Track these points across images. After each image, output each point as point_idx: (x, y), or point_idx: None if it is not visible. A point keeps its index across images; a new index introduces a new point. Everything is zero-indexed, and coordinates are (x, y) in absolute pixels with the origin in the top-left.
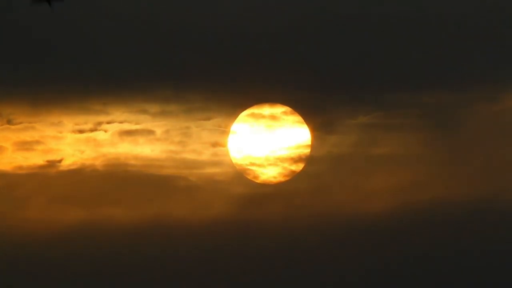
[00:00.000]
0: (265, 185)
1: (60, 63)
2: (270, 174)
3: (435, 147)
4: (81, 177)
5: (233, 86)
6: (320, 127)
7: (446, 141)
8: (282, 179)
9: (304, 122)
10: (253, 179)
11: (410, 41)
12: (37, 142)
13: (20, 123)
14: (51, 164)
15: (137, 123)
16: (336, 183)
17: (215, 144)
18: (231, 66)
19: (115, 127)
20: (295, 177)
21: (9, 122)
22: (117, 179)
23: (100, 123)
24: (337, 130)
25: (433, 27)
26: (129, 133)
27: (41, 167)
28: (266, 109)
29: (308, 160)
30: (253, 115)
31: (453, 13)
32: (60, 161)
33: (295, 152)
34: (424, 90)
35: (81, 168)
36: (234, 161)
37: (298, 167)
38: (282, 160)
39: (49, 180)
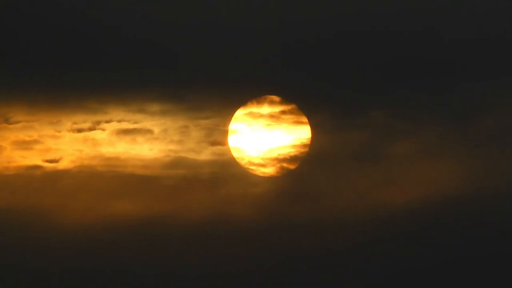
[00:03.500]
0: (265, 184)
1: (59, 62)
2: (271, 172)
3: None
4: (79, 176)
5: (232, 85)
6: (325, 125)
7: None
8: (283, 177)
9: (307, 120)
10: (253, 178)
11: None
12: (36, 141)
13: (18, 122)
14: (50, 163)
15: (135, 122)
16: (345, 182)
17: (214, 143)
18: (230, 64)
19: (113, 126)
20: (297, 177)
21: (6, 121)
22: (116, 178)
23: (98, 122)
24: (342, 128)
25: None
26: (127, 132)
27: (40, 166)
28: (267, 107)
29: (311, 159)
30: (253, 113)
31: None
32: (58, 160)
33: (296, 151)
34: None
35: (79, 167)
36: (233, 160)
37: (300, 166)
38: (283, 159)
39: (48, 180)
